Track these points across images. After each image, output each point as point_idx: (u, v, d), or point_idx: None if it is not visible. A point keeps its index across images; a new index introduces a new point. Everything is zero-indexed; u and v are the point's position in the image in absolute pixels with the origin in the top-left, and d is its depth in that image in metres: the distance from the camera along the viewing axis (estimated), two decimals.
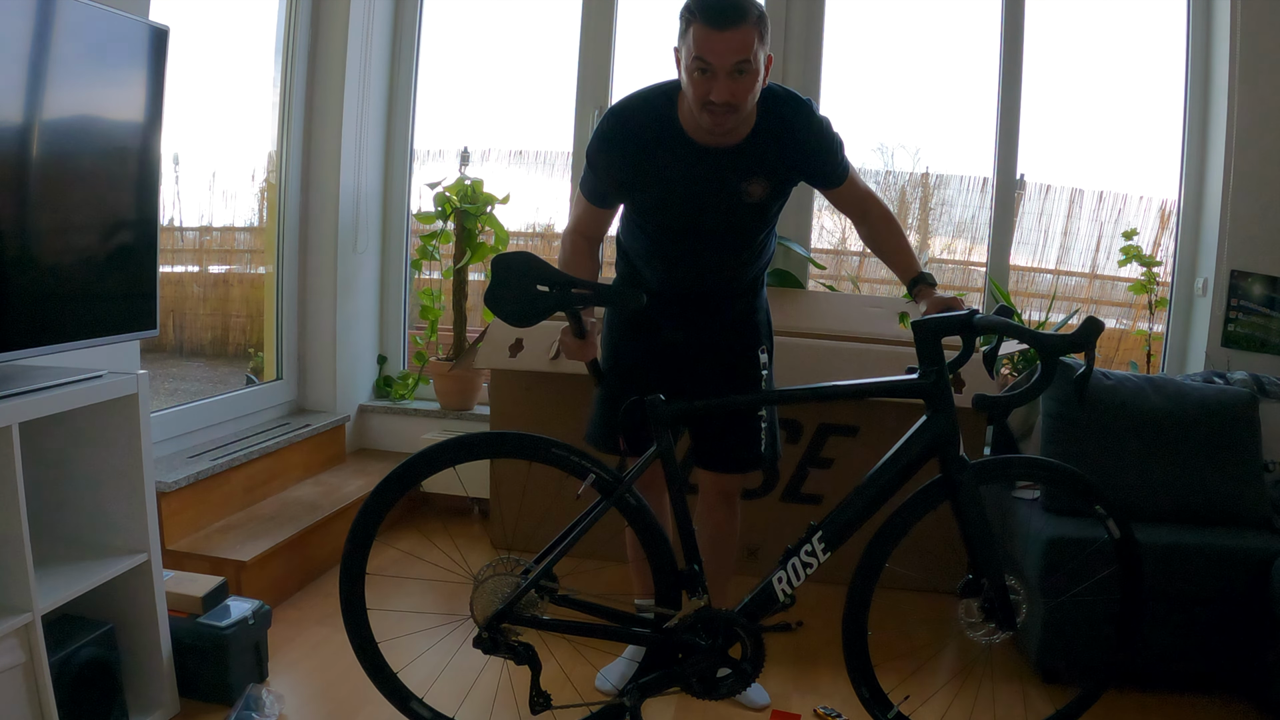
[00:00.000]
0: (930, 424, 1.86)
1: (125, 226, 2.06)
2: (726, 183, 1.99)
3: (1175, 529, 2.40)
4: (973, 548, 1.88)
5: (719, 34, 1.77)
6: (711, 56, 1.78)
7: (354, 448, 3.77)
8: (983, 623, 1.91)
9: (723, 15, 1.77)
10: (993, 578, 1.88)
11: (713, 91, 1.81)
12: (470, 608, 1.85)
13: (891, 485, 1.88)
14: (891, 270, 2.11)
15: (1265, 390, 2.73)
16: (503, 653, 1.85)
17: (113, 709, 1.96)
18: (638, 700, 1.87)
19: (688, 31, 1.81)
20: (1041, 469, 2.07)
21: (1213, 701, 2.39)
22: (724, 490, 2.29)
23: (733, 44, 1.78)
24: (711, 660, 1.90)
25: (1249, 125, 3.18)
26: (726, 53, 1.78)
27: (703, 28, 1.78)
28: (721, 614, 1.90)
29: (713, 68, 1.79)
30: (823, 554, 1.87)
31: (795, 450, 3.03)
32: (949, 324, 1.82)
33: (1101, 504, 1.95)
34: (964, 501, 1.84)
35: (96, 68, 1.93)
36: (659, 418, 1.85)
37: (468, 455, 1.90)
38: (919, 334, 1.84)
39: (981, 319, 1.80)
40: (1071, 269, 4.32)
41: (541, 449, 1.87)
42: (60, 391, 1.82)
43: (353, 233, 3.67)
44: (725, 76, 1.80)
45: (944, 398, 1.84)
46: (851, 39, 3.66)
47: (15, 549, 1.71)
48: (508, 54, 4.10)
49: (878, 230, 2.10)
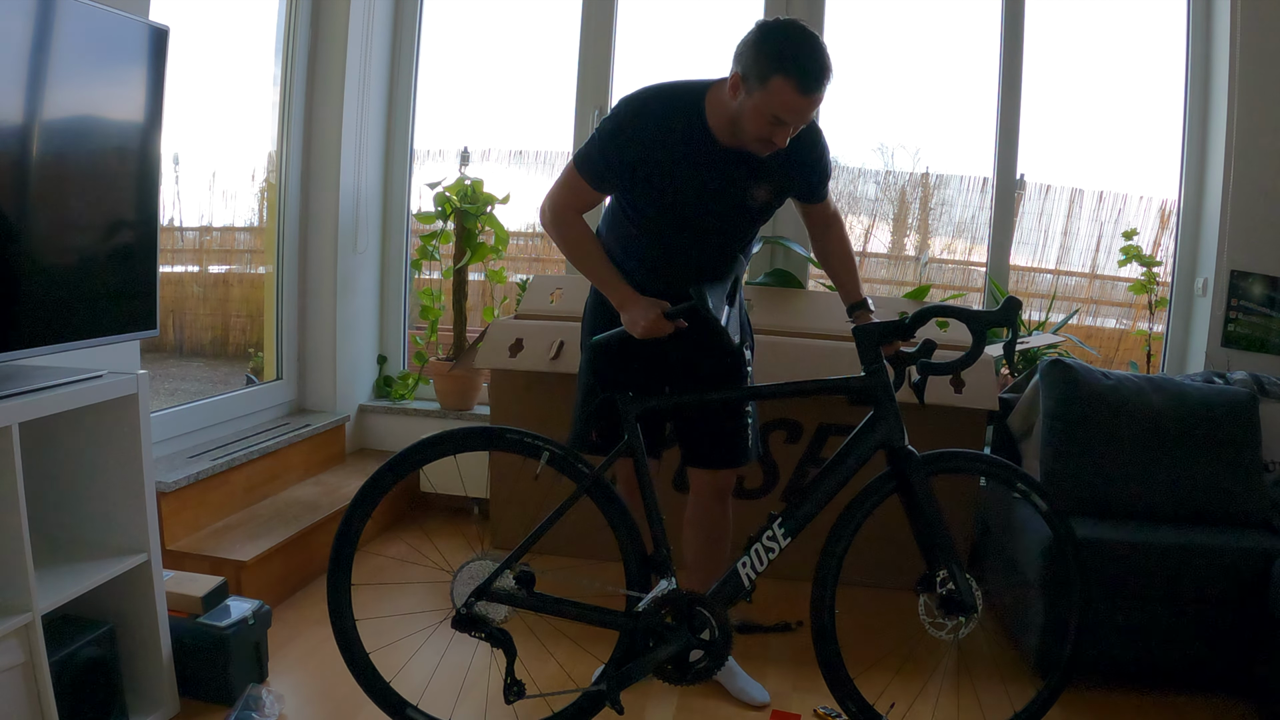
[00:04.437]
0: (876, 419, 1.98)
1: (125, 226, 2.06)
2: (736, 184, 2.02)
3: (1175, 529, 2.40)
4: (924, 538, 1.97)
5: (807, 99, 1.79)
6: (791, 116, 1.81)
7: (354, 448, 3.77)
8: (944, 618, 1.97)
9: (816, 82, 1.78)
10: (948, 566, 1.94)
11: (776, 137, 1.85)
12: (451, 597, 1.93)
13: (846, 476, 1.99)
14: (836, 287, 2.24)
15: (1265, 390, 2.73)
16: (479, 632, 1.92)
17: (113, 709, 1.96)
18: (615, 688, 1.89)
19: (768, 81, 1.78)
20: (979, 461, 2.15)
21: (1213, 701, 2.39)
22: (716, 488, 2.31)
23: (814, 105, 1.83)
24: (682, 643, 1.93)
25: (1249, 125, 3.18)
26: (806, 113, 1.83)
27: (792, 89, 1.77)
28: (686, 595, 1.94)
29: (787, 124, 1.83)
30: (783, 539, 1.97)
31: (795, 450, 3.04)
32: (886, 328, 1.99)
33: (1025, 484, 2.06)
34: (913, 493, 1.95)
35: (96, 68, 1.93)
36: (627, 413, 1.96)
37: (435, 454, 1.99)
38: (860, 338, 1.99)
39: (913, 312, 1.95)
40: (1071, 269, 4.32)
41: (496, 437, 2.00)
42: (60, 391, 1.82)
43: (353, 233, 3.67)
44: (794, 128, 1.85)
45: (885, 395, 1.97)
46: (851, 39, 3.66)
47: (15, 549, 1.71)
48: (508, 54, 4.10)
49: (834, 249, 2.23)
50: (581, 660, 2.35)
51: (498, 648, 1.92)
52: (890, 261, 4.37)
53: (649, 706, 2.27)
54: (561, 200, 2.10)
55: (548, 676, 2.28)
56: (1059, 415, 2.56)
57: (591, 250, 2.11)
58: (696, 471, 2.31)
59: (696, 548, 2.34)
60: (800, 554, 2.02)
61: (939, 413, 2.78)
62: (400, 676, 2.11)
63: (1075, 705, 2.30)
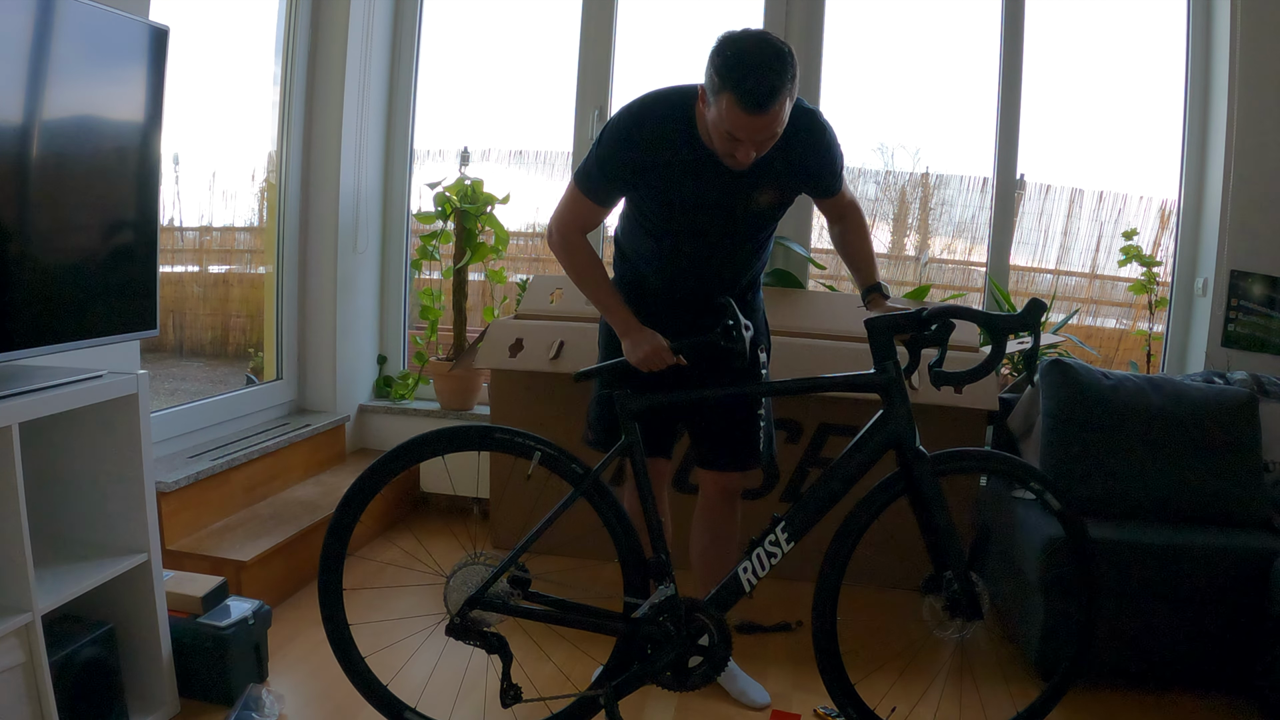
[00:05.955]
0: (886, 417, 1.92)
1: (125, 226, 2.06)
2: (738, 190, 1.99)
3: (1175, 529, 2.40)
4: (933, 540, 1.92)
5: (751, 118, 1.73)
6: (742, 133, 1.77)
7: (354, 448, 3.77)
8: (949, 620, 1.94)
9: (758, 103, 1.71)
10: (955, 569, 1.91)
11: (738, 152, 1.81)
12: (444, 602, 1.91)
13: (852, 478, 1.93)
14: (851, 274, 2.18)
15: (1265, 390, 2.73)
16: (474, 640, 1.89)
17: (113, 709, 1.96)
18: (613, 698, 1.89)
19: (718, 96, 1.75)
20: (991, 460, 2.12)
21: (1213, 701, 2.39)
22: (725, 489, 2.29)
23: (764, 124, 1.75)
24: (680, 649, 1.91)
25: (1249, 125, 3.18)
26: (757, 131, 1.76)
27: (736, 107, 1.72)
28: (685, 601, 1.92)
29: (742, 141, 1.79)
30: (786, 544, 1.92)
31: (795, 450, 3.03)
32: (899, 320, 1.89)
33: (1039, 482, 2.02)
34: (922, 493, 1.89)
35: (96, 67, 1.93)
36: (626, 411, 1.92)
37: (423, 454, 1.96)
38: (872, 331, 1.91)
39: (931, 308, 1.87)
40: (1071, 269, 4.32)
41: (486, 437, 1.97)
42: (60, 391, 1.82)
43: (353, 233, 3.67)
44: (753, 145, 1.80)
45: (898, 392, 1.90)
46: (851, 39, 3.66)
47: (15, 549, 1.71)
48: (508, 54, 4.11)
49: (852, 233, 2.16)
50: (580, 661, 2.35)
51: (494, 653, 1.90)
52: (890, 261, 4.37)
53: (649, 707, 2.26)
54: (567, 220, 2.08)
55: (546, 677, 2.27)
56: (1059, 415, 2.56)
57: (598, 277, 2.10)
58: (705, 472, 2.30)
59: (702, 549, 2.33)
60: (801, 554, 1.99)
61: (939, 413, 2.78)
62: (399, 678, 2.11)
63: (1075, 705, 2.29)
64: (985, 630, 1.97)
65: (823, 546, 1.97)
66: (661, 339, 1.98)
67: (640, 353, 1.98)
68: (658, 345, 1.97)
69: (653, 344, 1.98)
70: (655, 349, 1.97)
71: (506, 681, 1.89)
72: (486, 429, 1.98)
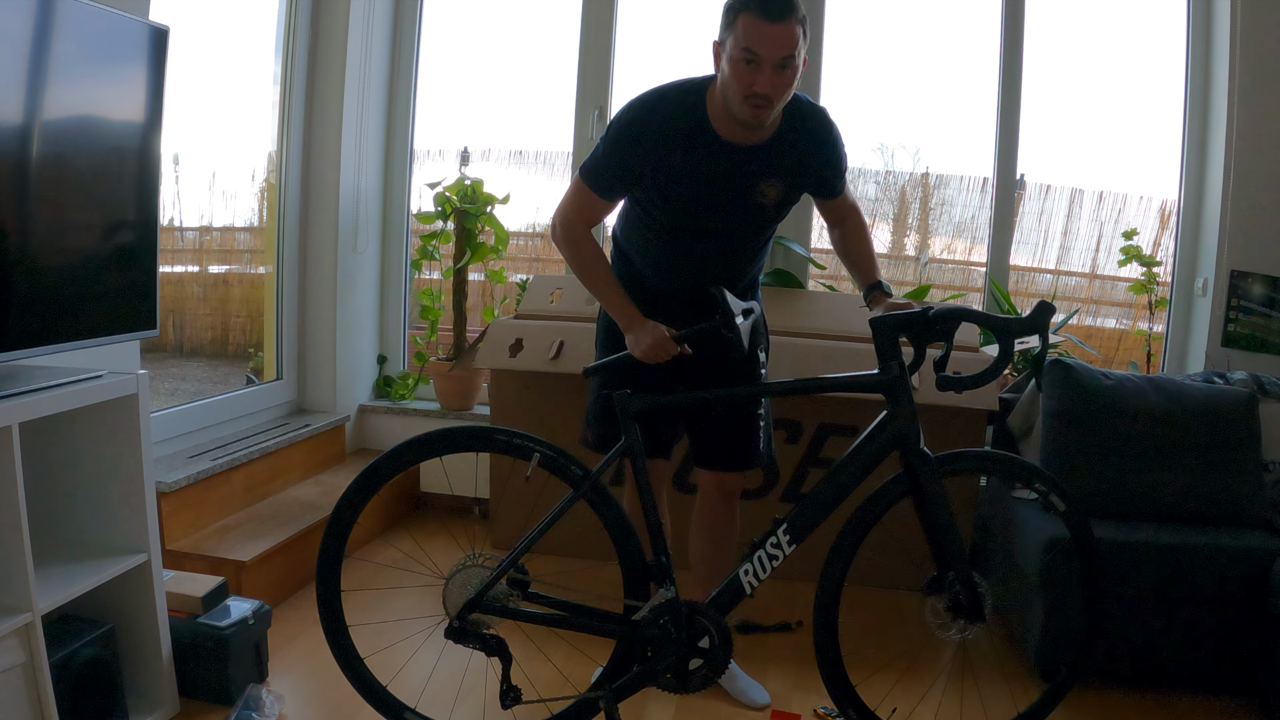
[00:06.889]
0: (891, 418, 1.90)
1: (125, 226, 2.06)
2: (744, 181, 2.00)
3: (1175, 529, 2.40)
4: (936, 541, 1.91)
5: (769, 25, 1.79)
6: (760, 47, 1.80)
7: (354, 448, 3.76)
8: (951, 620, 1.93)
9: (775, 7, 1.79)
10: (959, 570, 1.90)
11: (757, 83, 1.83)
12: (443, 604, 1.90)
13: (855, 479, 1.92)
14: (852, 275, 2.18)
15: (1265, 390, 2.73)
16: (473, 643, 1.89)
17: (113, 709, 1.96)
18: (613, 702, 1.89)
19: (734, 23, 1.83)
20: (995, 460, 2.10)
21: (1213, 701, 2.39)
22: (725, 490, 2.29)
23: (781, 37, 1.80)
24: (680, 652, 1.91)
25: (1249, 125, 3.18)
26: (775, 45, 1.80)
27: (753, 19, 1.79)
28: (686, 604, 1.91)
29: (760, 59, 1.81)
30: (788, 546, 1.91)
31: (795, 450, 3.03)
32: (905, 319, 1.87)
33: (1044, 483, 2.00)
34: (927, 495, 1.88)
35: (96, 67, 1.93)
36: (626, 412, 1.91)
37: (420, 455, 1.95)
38: (877, 331, 1.89)
39: (938, 309, 1.85)
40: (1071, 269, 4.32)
41: (485, 438, 1.97)
42: (60, 391, 1.82)
43: (353, 233, 3.67)
44: (771, 69, 1.82)
45: (903, 392, 1.88)
46: (851, 39, 3.66)
47: (15, 549, 1.71)
48: (508, 54, 4.11)
49: (852, 236, 2.17)
50: (579, 662, 2.35)
51: (493, 656, 1.89)
52: (890, 261, 4.37)
53: (649, 707, 2.26)
54: (571, 214, 2.08)
55: (545, 678, 2.27)
56: (1059, 415, 2.56)
57: (602, 271, 2.10)
58: (704, 472, 2.30)
59: (701, 549, 2.33)
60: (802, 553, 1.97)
61: (938, 413, 2.78)
62: (398, 679, 2.11)
63: (1074, 705, 2.29)
64: (986, 631, 1.96)
65: (823, 546, 1.96)
66: (664, 330, 1.99)
67: (644, 345, 1.98)
68: (660, 336, 1.98)
69: (655, 335, 1.98)
70: (659, 340, 1.97)
71: (506, 683, 1.88)
72: (485, 430, 1.98)
